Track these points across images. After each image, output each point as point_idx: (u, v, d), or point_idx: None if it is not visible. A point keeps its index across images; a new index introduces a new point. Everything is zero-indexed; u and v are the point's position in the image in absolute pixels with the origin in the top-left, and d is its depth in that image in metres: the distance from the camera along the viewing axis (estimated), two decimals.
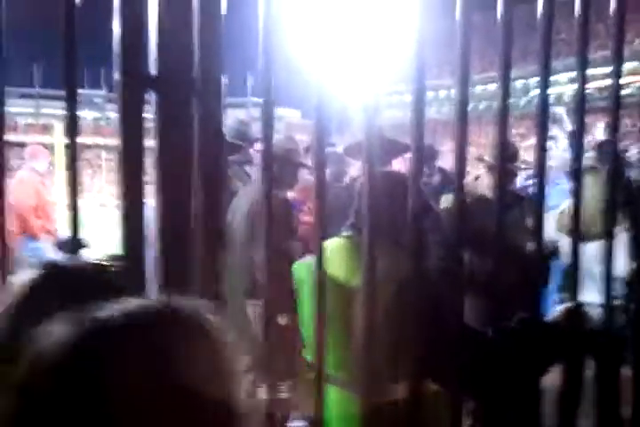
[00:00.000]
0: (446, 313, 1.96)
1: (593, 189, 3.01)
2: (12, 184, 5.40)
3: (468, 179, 3.27)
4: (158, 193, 1.64)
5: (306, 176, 4.40)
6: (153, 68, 1.62)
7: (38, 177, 5.82)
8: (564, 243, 3.32)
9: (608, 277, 2.26)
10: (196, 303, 0.78)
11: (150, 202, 1.66)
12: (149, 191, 1.64)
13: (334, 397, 2.08)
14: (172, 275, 1.61)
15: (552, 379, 2.12)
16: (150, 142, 1.63)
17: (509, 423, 2.13)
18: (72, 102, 1.60)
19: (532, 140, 2.18)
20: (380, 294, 1.86)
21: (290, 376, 3.23)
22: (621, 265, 3.08)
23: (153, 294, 1.15)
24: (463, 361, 1.90)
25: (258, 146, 3.69)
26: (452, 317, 1.92)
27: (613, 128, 2.27)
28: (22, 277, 1.04)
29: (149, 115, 1.63)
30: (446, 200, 3.72)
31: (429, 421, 1.93)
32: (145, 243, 1.65)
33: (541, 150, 2.08)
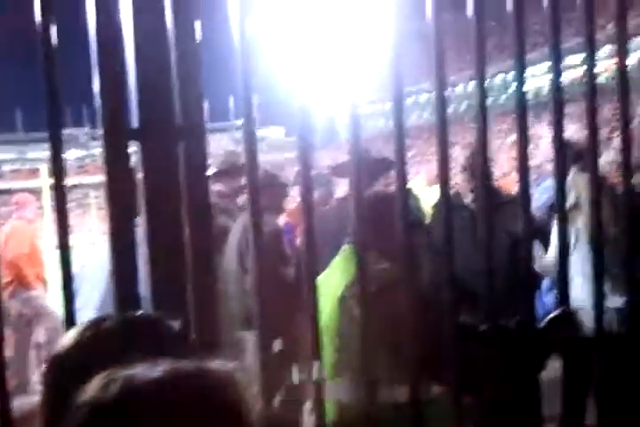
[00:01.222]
0: (438, 313, 1.99)
1: (580, 187, 2.93)
2: (5, 234, 5.42)
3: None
4: (148, 226, 1.66)
5: (298, 199, 4.34)
6: (135, 120, 1.65)
7: (30, 225, 5.81)
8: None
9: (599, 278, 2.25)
10: (228, 367, 0.80)
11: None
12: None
13: (332, 407, 2.07)
14: (166, 304, 1.61)
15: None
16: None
17: (510, 420, 2.15)
18: (57, 147, 1.63)
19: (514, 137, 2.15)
20: (373, 300, 1.89)
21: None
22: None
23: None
24: (462, 360, 1.93)
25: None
26: (443, 317, 1.95)
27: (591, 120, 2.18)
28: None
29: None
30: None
31: (432, 422, 1.93)
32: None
33: (523, 147, 2.06)
